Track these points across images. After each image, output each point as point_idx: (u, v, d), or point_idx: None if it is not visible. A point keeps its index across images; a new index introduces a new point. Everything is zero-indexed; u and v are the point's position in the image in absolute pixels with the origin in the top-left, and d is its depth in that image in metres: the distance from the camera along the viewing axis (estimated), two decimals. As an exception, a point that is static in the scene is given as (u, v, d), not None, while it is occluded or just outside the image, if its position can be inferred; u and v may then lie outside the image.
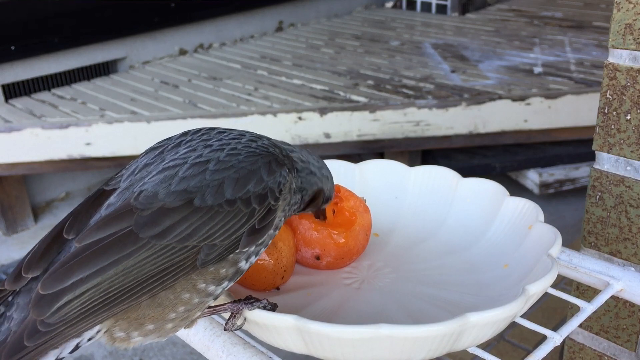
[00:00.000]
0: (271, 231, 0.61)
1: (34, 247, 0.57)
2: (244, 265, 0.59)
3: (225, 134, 0.62)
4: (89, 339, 0.55)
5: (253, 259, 0.60)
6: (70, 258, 0.53)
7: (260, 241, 0.60)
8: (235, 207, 0.57)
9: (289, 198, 0.63)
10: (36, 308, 0.52)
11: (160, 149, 0.62)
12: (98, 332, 0.56)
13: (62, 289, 0.52)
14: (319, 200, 0.70)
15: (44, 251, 0.56)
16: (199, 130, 0.64)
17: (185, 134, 0.64)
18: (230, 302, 0.60)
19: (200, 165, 0.58)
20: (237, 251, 0.58)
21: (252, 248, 0.59)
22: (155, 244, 0.54)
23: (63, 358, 0.54)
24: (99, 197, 0.60)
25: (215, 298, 0.59)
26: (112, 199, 0.59)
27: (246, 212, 0.57)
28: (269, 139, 0.65)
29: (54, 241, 0.57)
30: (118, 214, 0.55)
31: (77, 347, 0.55)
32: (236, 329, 0.61)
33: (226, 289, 0.59)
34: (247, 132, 0.64)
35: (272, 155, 0.61)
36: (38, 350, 0.51)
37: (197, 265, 0.55)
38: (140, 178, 0.59)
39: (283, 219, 0.63)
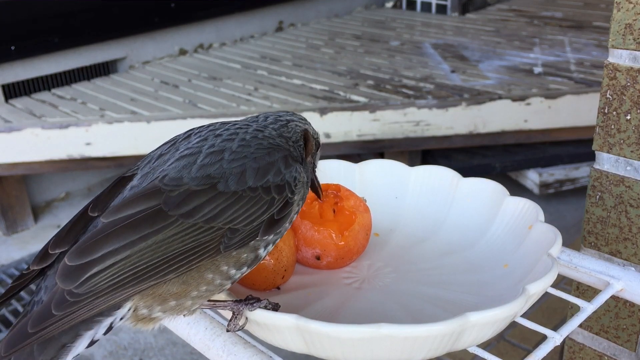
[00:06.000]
0: (287, 224, 0.63)
1: (60, 229, 0.59)
2: (262, 252, 0.61)
3: (231, 124, 0.65)
4: (121, 318, 0.57)
5: (270, 247, 0.62)
6: (98, 232, 0.55)
7: (278, 231, 0.62)
8: (257, 193, 0.59)
9: (303, 192, 0.65)
10: (63, 278, 0.53)
11: (172, 142, 0.65)
12: (129, 310, 0.57)
13: (91, 260, 0.53)
14: (310, 141, 0.71)
15: (70, 229, 0.58)
16: (204, 125, 0.67)
17: (191, 129, 0.66)
18: (232, 301, 0.61)
19: (216, 154, 0.60)
20: (257, 238, 0.60)
21: (270, 237, 0.61)
22: (183, 222, 0.56)
23: (98, 340, 0.56)
24: (119, 182, 0.62)
25: (233, 283, 0.61)
26: (134, 182, 0.61)
27: (267, 199, 0.60)
28: (266, 118, 0.68)
29: (79, 220, 0.59)
30: (146, 193, 0.57)
31: (110, 327, 0.56)
32: (238, 330, 0.61)
33: (244, 274, 0.61)
34: (250, 123, 0.67)
35: (285, 150, 0.64)
36: (66, 320, 0.52)
37: (220, 249, 0.57)
38: (159, 165, 0.61)
39: (295, 214, 0.65)
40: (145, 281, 0.54)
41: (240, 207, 0.58)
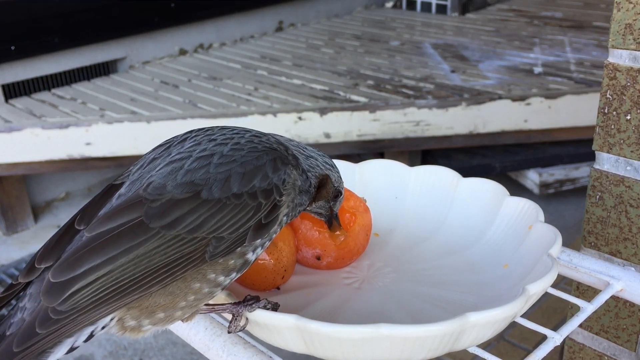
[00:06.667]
0: (276, 227, 0.62)
1: (47, 240, 0.58)
2: (251, 256, 0.60)
3: (229, 130, 0.64)
4: (103, 327, 0.56)
5: (259, 251, 0.61)
6: (81, 247, 0.54)
7: (266, 235, 0.61)
8: (242, 200, 0.58)
9: (293, 195, 0.64)
10: (47, 296, 0.52)
11: (167, 145, 0.64)
12: (112, 319, 0.56)
13: (74, 276, 0.53)
14: (327, 188, 0.69)
15: (56, 242, 0.57)
16: (204, 127, 0.65)
17: (190, 131, 0.65)
18: (230, 304, 0.60)
19: (205, 159, 0.59)
20: (244, 244, 0.59)
21: (259, 241, 0.60)
22: (165, 234, 0.55)
23: (78, 347, 0.55)
24: (108, 191, 0.62)
25: (223, 288, 0.60)
26: (122, 190, 0.60)
27: (253, 205, 0.58)
28: (273, 136, 0.66)
29: (65, 233, 0.58)
30: (128, 205, 0.56)
31: (91, 335, 0.55)
32: (239, 331, 0.61)
33: (234, 279, 0.60)
34: (251, 129, 0.66)
35: (276, 153, 0.62)
36: (51, 337, 0.52)
37: (205, 258, 0.56)
38: (149, 171, 0.60)
39: (286, 218, 0.64)
40: (129, 295, 0.53)
41: (224, 215, 0.57)
